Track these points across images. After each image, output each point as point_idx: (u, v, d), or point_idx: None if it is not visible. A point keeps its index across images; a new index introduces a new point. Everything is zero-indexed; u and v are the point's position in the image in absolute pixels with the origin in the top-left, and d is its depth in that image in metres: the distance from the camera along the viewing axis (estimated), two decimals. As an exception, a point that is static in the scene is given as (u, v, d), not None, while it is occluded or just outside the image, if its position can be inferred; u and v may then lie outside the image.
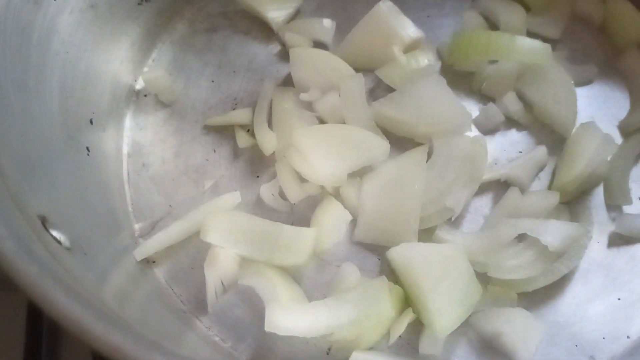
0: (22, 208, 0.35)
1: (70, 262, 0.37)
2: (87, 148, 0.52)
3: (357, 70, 0.58)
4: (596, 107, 0.57)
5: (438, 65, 0.59)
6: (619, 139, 0.55)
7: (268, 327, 0.44)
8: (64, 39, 0.51)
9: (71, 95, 0.52)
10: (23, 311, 0.56)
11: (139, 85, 0.62)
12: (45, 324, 0.56)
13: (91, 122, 0.54)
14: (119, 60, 0.60)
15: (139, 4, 0.61)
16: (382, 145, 0.53)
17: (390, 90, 0.58)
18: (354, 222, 0.52)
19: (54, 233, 0.37)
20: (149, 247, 0.52)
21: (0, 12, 0.43)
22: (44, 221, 0.37)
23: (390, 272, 0.50)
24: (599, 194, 0.53)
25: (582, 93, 0.58)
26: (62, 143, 0.48)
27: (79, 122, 0.52)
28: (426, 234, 0.51)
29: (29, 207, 0.36)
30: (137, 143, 0.59)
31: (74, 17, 0.52)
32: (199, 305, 0.51)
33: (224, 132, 0.59)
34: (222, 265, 0.50)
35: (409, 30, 0.59)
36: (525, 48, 0.56)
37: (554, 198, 0.50)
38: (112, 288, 0.46)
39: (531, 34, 0.60)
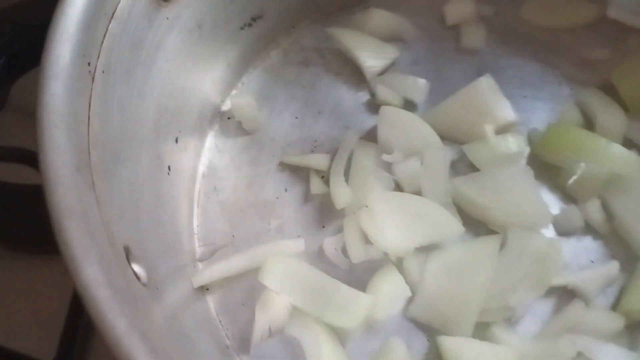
0: (112, 240, 0.35)
1: (145, 300, 0.37)
2: (169, 167, 0.53)
3: (443, 139, 0.58)
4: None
5: (526, 152, 0.58)
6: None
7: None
8: (169, 57, 0.52)
9: (164, 113, 0.53)
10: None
11: (226, 106, 0.63)
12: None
13: (176, 140, 0.55)
14: (212, 80, 0.61)
15: (241, 28, 0.62)
16: (456, 226, 0.52)
17: (473, 168, 0.57)
18: (411, 297, 0.52)
19: (135, 267, 0.38)
20: (207, 275, 0.52)
21: (118, 29, 0.44)
22: (127, 253, 0.38)
23: (437, 357, 0.50)
24: (668, 325, 0.51)
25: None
26: (149, 163, 0.49)
27: (167, 141, 0.53)
28: (481, 328, 0.50)
29: (118, 238, 0.37)
30: (213, 165, 0.60)
31: (181, 36, 0.53)
32: (243, 343, 0.51)
33: (299, 172, 0.59)
34: (273, 310, 0.51)
35: (506, 111, 0.58)
36: (620, 157, 0.54)
37: (619, 322, 0.49)
38: (166, 311, 0.47)
39: (627, 140, 0.58)
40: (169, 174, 0.53)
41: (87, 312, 0.30)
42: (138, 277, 0.38)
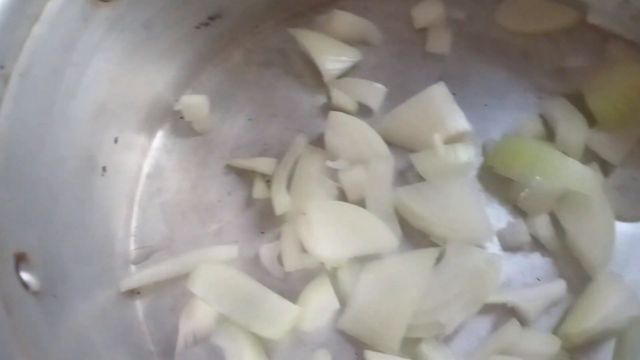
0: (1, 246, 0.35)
1: (35, 308, 0.37)
2: (104, 168, 0.52)
3: (392, 146, 0.56)
4: (634, 251, 0.52)
5: (478, 162, 0.56)
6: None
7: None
8: (109, 58, 0.51)
9: (102, 114, 0.51)
10: None
11: (178, 106, 0.62)
12: None
13: (116, 141, 0.54)
14: (164, 79, 0.60)
15: (197, 27, 0.60)
16: (391, 240, 0.51)
17: (422, 177, 0.55)
18: (341, 308, 0.50)
19: (24, 276, 0.37)
20: (136, 279, 0.52)
21: (43, 31, 0.43)
22: (19, 260, 0.37)
23: (364, 371, 0.48)
24: (608, 349, 0.48)
25: (625, 230, 0.53)
26: (76, 164, 0.48)
27: (103, 142, 0.52)
28: (411, 343, 0.48)
29: (9, 244, 0.36)
30: (160, 165, 0.59)
31: (125, 36, 0.52)
32: (167, 350, 0.51)
33: (245, 176, 0.58)
34: (199, 317, 0.50)
35: (457, 121, 0.56)
36: (575, 174, 0.51)
37: (554, 346, 0.46)
38: (92, 310, 0.46)
39: (589, 152, 0.55)
40: (103, 175, 0.52)
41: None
42: (26, 286, 0.37)
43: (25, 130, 0.42)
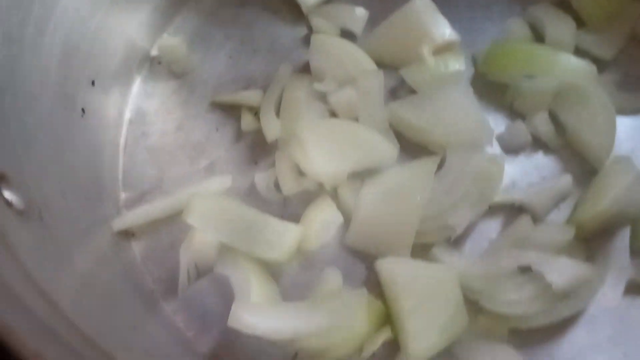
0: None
1: (20, 227, 0.34)
2: (83, 109, 0.50)
3: (381, 66, 0.54)
4: (638, 141, 0.51)
5: (470, 72, 0.55)
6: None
7: (231, 322, 0.41)
8: (72, 3, 0.49)
9: (75, 54, 0.49)
10: None
11: (155, 51, 0.59)
12: None
13: (93, 83, 0.52)
14: (136, 23, 0.57)
15: (166, -32, 0.59)
16: (390, 150, 0.49)
17: (413, 93, 0.53)
18: (346, 226, 0.48)
19: (7, 194, 0.35)
20: (129, 218, 0.49)
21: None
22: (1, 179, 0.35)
23: (377, 285, 0.46)
24: (624, 235, 0.47)
25: (625, 123, 0.52)
26: (52, 100, 0.46)
27: (79, 82, 0.50)
28: (422, 250, 0.46)
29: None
30: (141, 110, 0.57)
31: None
32: (170, 287, 0.48)
33: (231, 112, 0.56)
34: (199, 249, 0.47)
35: (443, 30, 0.54)
36: (568, 66, 0.51)
37: (568, 233, 0.45)
38: (88, 253, 0.44)
39: (581, 52, 0.54)
40: (82, 116, 0.50)
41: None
42: (9, 204, 0.34)
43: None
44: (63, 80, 0.48)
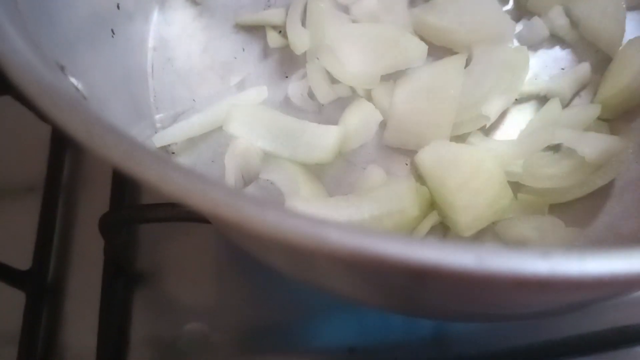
0: (39, 47, 0.33)
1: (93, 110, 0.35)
2: (112, 30, 0.50)
3: (397, -27, 0.56)
4: (646, 29, 0.54)
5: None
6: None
7: (287, 217, 0.43)
8: None
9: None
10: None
11: (169, -19, 0.60)
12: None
13: (118, 6, 0.52)
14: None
15: None
16: (419, 47, 0.50)
17: (431, -1, 0.55)
18: (383, 127, 0.50)
19: (73, 80, 0.35)
20: (169, 134, 0.50)
21: None
22: (62, 68, 0.35)
23: (418, 177, 0.48)
24: (642, 115, 0.50)
25: (634, 17, 0.55)
26: (88, 16, 0.46)
27: (106, 2, 0.50)
28: (458, 141, 0.48)
29: (49, 52, 0.35)
30: (163, 38, 0.57)
31: None
32: (217, 197, 0.49)
33: (255, 31, 0.57)
34: (243, 157, 0.48)
35: None
36: (576, -39, 0.53)
37: (594, 110, 0.48)
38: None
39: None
40: (112, 37, 0.50)
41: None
42: (77, 88, 0.35)
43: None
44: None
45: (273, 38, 0.55)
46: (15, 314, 0.53)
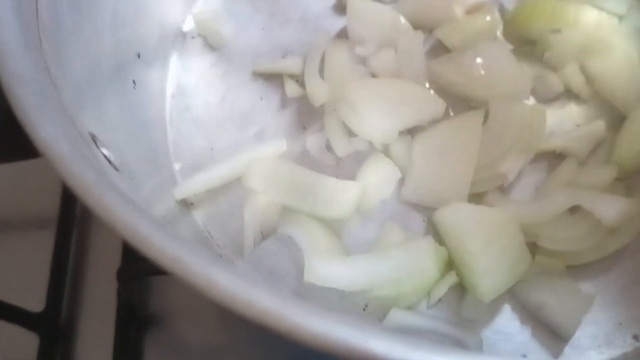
0: (75, 123, 0.33)
1: (120, 181, 0.36)
2: (134, 81, 0.51)
3: (415, 28, 0.56)
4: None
5: (500, 29, 0.57)
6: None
7: (307, 277, 0.43)
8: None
9: (122, 26, 0.50)
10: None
11: (187, 27, 0.60)
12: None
13: (139, 55, 0.52)
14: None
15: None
16: (438, 103, 0.51)
17: (448, 52, 0.56)
18: (401, 182, 0.51)
19: (104, 151, 0.36)
20: (189, 187, 0.50)
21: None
22: (94, 138, 0.36)
23: (435, 235, 0.49)
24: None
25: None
26: (111, 69, 0.47)
27: (128, 53, 0.51)
28: (475, 200, 0.49)
29: (81, 124, 0.35)
30: (181, 85, 0.58)
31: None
32: (235, 250, 0.50)
33: (273, 80, 0.57)
34: (262, 212, 0.49)
35: (473, -10, 0.57)
36: (591, 19, 0.54)
37: (611, 172, 0.48)
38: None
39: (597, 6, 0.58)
40: (134, 88, 0.51)
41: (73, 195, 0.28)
42: (109, 160, 0.36)
43: (62, 25, 0.40)
44: (115, 50, 0.48)
45: (291, 88, 0.56)
46: (29, 356, 0.53)
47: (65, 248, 0.57)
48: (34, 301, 0.54)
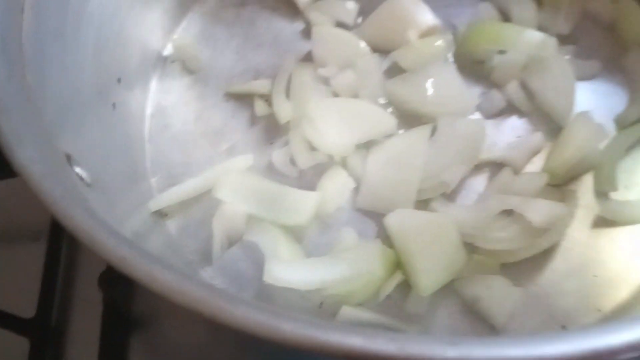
0: (52, 144, 0.39)
1: (91, 197, 0.41)
2: (114, 104, 0.56)
3: (374, 51, 0.62)
4: (595, 101, 0.60)
5: (451, 51, 0.63)
6: (613, 131, 0.58)
7: (266, 278, 0.48)
8: (101, 1, 0.55)
9: (104, 53, 0.56)
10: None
11: (167, 51, 0.66)
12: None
13: (119, 80, 0.58)
14: (149, 26, 0.64)
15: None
16: (389, 120, 0.56)
17: (404, 72, 0.61)
18: (356, 191, 0.56)
19: (77, 170, 0.41)
20: (164, 199, 0.56)
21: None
22: (69, 158, 0.41)
23: (387, 238, 0.53)
24: (588, 180, 0.56)
25: (584, 87, 0.60)
26: (91, 95, 0.52)
27: (108, 79, 0.56)
28: (422, 205, 0.54)
29: (59, 145, 0.41)
30: (160, 105, 0.63)
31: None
32: (205, 257, 0.55)
33: (244, 100, 0.63)
34: (229, 220, 0.54)
35: (426, 17, 0.62)
36: (532, 40, 0.59)
37: (542, 179, 0.53)
38: (129, 230, 0.50)
39: (542, 29, 0.63)
40: (114, 110, 0.56)
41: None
42: (81, 178, 0.41)
43: (46, 55, 0.46)
44: (96, 76, 0.54)
45: (260, 107, 0.61)
46: (20, 360, 0.58)
47: (56, 258, 0.62)
48: (26, 308, 0.58)
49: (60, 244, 0.62)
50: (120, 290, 0.59)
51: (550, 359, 0.26)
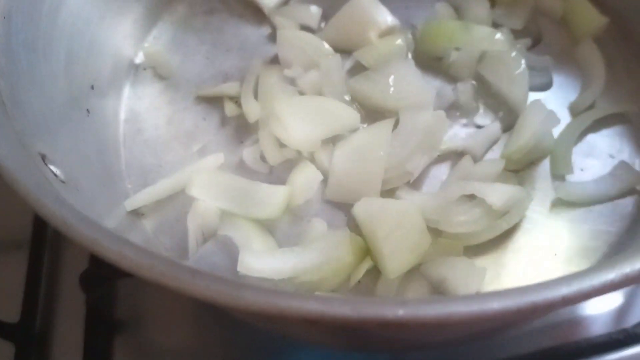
0: (25, 145, 0.41)
1: (67, 196, 0.42)
2: (87, 110, 0.58)
3: (337, 51, 0.65)
4: (550, 91, 0.63)
5: (410, 49, 0.66)
6: (568, 118, 0.61)
7: (240, 269, 0.50)
8: (72, 12, 0.57)
9: (76, 62, 0.58)
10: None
11: (139, 59, 0.68)
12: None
13: (92, 87, 0.60)
14: (121, 35, 0.66)
15: (142, -14, 0.67)
16: (353, 115, 0.59)
17: (366, 70, 0.64)
18: (325, 183, 0.58)
19: (52, 167, 0.43)
20: (139, 199, 0.58)
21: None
22: (43, 157, 0.43)
23: (355, 227, 0.56)
24: (545, 165, 0.59)
25: (537, 78, 0.64)
26: (64, 102, 0.54)
27: (82, 87, 0.58)
28: (388, 195, 0.56)
29: (31, 146, 0.42)
30: (133, 110, 0.65)
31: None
32: (181, 253, 0.56)
33: (214, 103, 0.65)
34: (203, 217, 0.56)
35: (386, 18, 0.65)
36: (485, 36, 0.62)
37: (500, 165, 0.56)
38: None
39: (496, 25, 0.66)
40: (88, 116, 0.58)
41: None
42: (56, 175, 0.43)
43: (18, 65, 0.48)
44: (69, 84, 0.56)
45: (229, 108, 0.64)
46: (5, 365, 0.59)
47: (38, 265, 0.63)
48: (10, 313, 0.60)
49: (43, 250, 0.64)
50: (102, 292, 0.60)
51: (489, 312, 0.28)
